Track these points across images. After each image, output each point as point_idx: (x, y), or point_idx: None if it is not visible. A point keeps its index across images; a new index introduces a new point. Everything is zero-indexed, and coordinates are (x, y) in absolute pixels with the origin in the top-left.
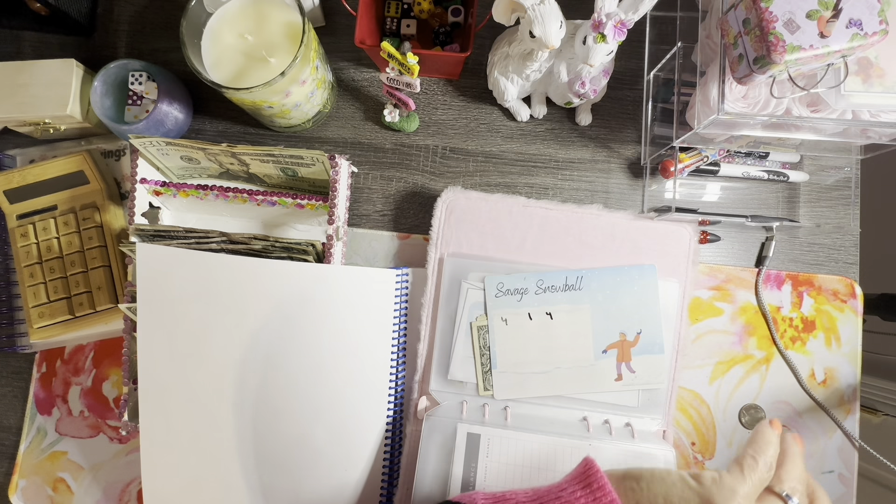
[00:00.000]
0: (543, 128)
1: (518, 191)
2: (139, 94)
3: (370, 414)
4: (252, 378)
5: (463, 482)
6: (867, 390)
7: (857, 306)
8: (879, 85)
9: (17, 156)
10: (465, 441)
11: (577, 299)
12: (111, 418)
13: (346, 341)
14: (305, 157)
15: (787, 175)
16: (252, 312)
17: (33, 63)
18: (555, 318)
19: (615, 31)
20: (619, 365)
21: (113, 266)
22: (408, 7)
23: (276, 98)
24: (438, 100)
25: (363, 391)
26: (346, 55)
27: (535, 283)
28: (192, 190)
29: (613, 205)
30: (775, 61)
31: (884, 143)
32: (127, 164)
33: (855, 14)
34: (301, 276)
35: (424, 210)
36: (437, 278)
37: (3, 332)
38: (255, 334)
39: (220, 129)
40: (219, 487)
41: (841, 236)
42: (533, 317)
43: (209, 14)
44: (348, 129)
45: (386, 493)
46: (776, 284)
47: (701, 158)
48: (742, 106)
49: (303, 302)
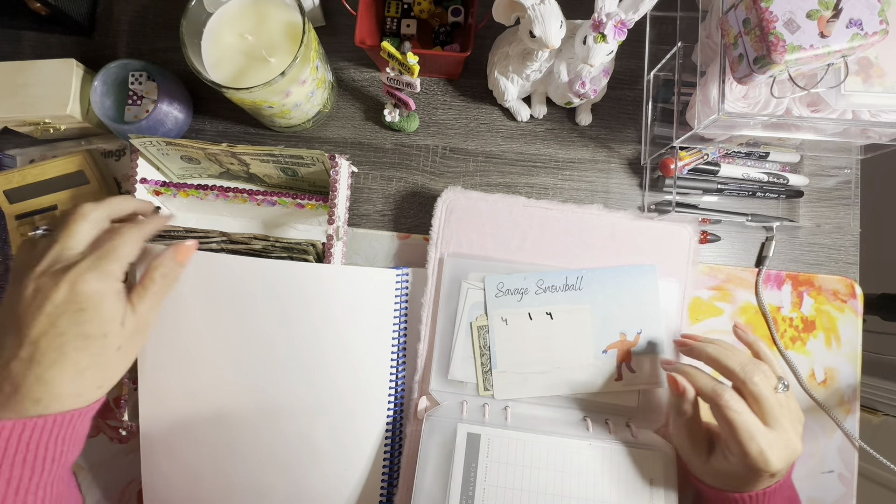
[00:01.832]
0: (543, 128)
1: (518, 191)
2: (139, 94)
3: (370, 414)
4: (251, 378)
5: (463, 482)
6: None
7: (857, 306)
8: (879, 85)
9: (17, 156)
10: (465, 441)
11: (577, 299)
12: (111, 418)
13: (346, 341)
14: (305, 157)
15: (786, 178)
16: (251, 312)
17: (33, 63)
18: (555, 318)
19: (615, 31)
20: (620, 365)
21: None
22: (408, 7)
23: (276, 98)
24: (438, 100)
25: (363, 391)
26: (346, 55)
27: (535, 282)
28: (192, 190)
29: (613, 205)
30: (775, 61)
31: (884, 143)
32: (127, 164)
33: (855, 14)
34: (300, 276)
35: (424, 210)
36: (437, 278)
37: None
38: (255, 334)
39: (220, 129)
40: (218, 487)
41: (841, 236)
42: (533, 317)
43: (209, 14)
44: (348, 129)
45: (386, 493)
46: (776, 284)
47: (701, 156)
48: (742, 106)
49: (302, 302)
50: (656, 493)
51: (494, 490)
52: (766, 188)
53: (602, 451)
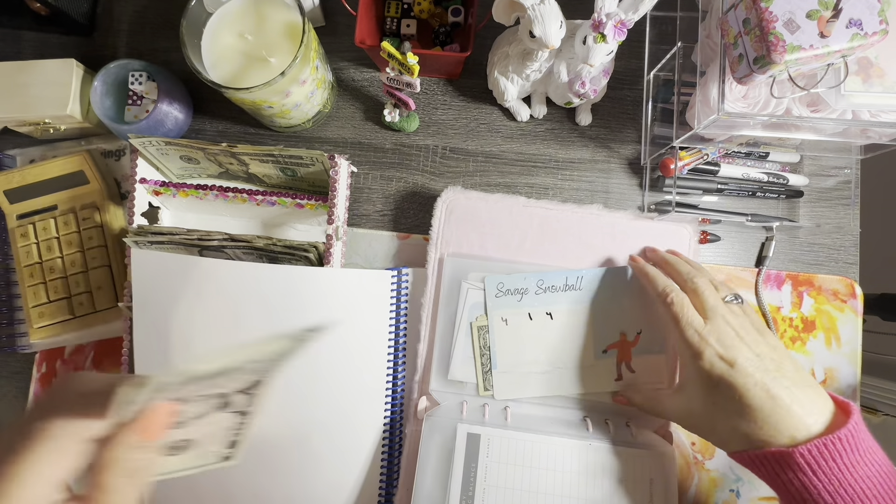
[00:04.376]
0: (543, 128)
1: (518, 191)
2: (139, 94)
3: (366, 416)
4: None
5: (463, 482)
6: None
7: (857, 306)
8: (879, 85)
9: (17, 156)
10: (465, 441)
11: (578, 299)
12: None
13: (341, 344)
14: (305, 158)
15: (786, 178)
16: (246, 316)
17: (33, 63)
18: (555, 319)
19: (615, 31)
20: (620, 365)
21: (113, 266)
22: (408, 7)
23: (276, 98)
24: (438, 100)
25: (359, 394)
26: (346, 55)
27: (535, 283)
28: (191, 190)
29: (613, 205)
30: (775, 61)
31: (884, 143)
32: (127, 164)
33: (855, 14)
34: (295, 280)
35: (424, 210)
36: (437, 278)
37: (3, 332)
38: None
39: (220, 129)
40: (215, 490)
41: (841, 236)
42: (533, 317)
43: (209, 14)
44: (348, 129)
45: (385, 493)
46: (776, 284)
47: (701, 156)
48: (742, 106)
49: (297, 306)
50: (656, 493)
51: (494, 490)
52: (766, 188)
53: (602, 451)
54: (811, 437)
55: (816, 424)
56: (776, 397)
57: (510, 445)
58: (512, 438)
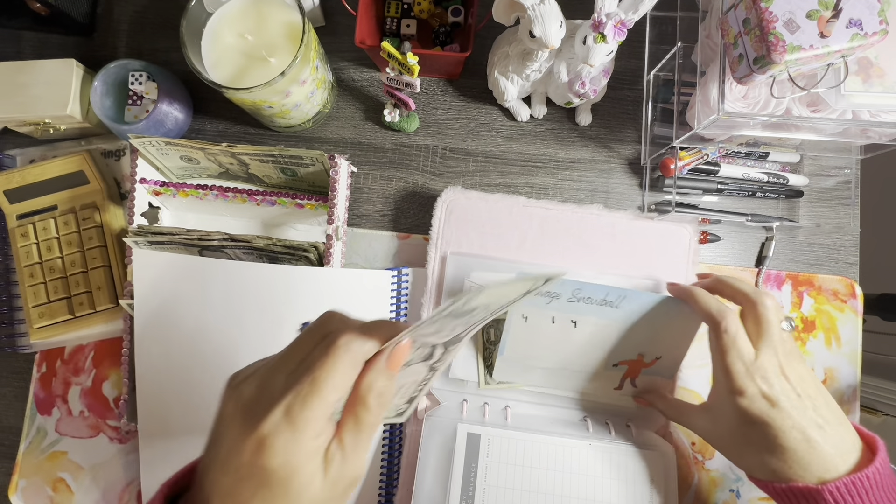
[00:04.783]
0: (543, 128)
1: (518, 191)
2: (139, 94)
3: None
4: None
5: (463, 482)
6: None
7: (857, 306)
8: (879, 85)
9: (17, 156)
10: (465, 441)
11: (610, 316)
12: (111, 418)
13: None
14: (305, 158)
15: (786, 178)
16: (246, 315)
17: (33, 63)
18: (578, 328)
19: (615, 31)
20: (625, 379)
21: (113, 266)
22: (408, 7)
23: (276, 98)
24: (438, 100)
25: None
26: (346, 55)
27: (571, 290)
28: (191, 190)
29: (613, 205)
30: (775, 61)
31: (884, 143)
32: (127, 164)
33: (855, 14)
34: (294, 279)
35: (424, 210)
36: (439, 277)
37: (3, 332)
38: (250, 337)
39: (220, 129)
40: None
41: (841, 236)
42: (556, 321)
43: (209, 14)
44: (348, 129)
45: (385, 493)
46: (776, 284)
47: (701, 156)
48: (742, 106)
49: (297, 305)
50: (656, 493)
51: (494, 490)
52: (765, 188)
53: (602, 451)
54: (839, 476)
55: (845, 464)
56: (811, 440)
57: (510, 445)
58: (512, 438)
